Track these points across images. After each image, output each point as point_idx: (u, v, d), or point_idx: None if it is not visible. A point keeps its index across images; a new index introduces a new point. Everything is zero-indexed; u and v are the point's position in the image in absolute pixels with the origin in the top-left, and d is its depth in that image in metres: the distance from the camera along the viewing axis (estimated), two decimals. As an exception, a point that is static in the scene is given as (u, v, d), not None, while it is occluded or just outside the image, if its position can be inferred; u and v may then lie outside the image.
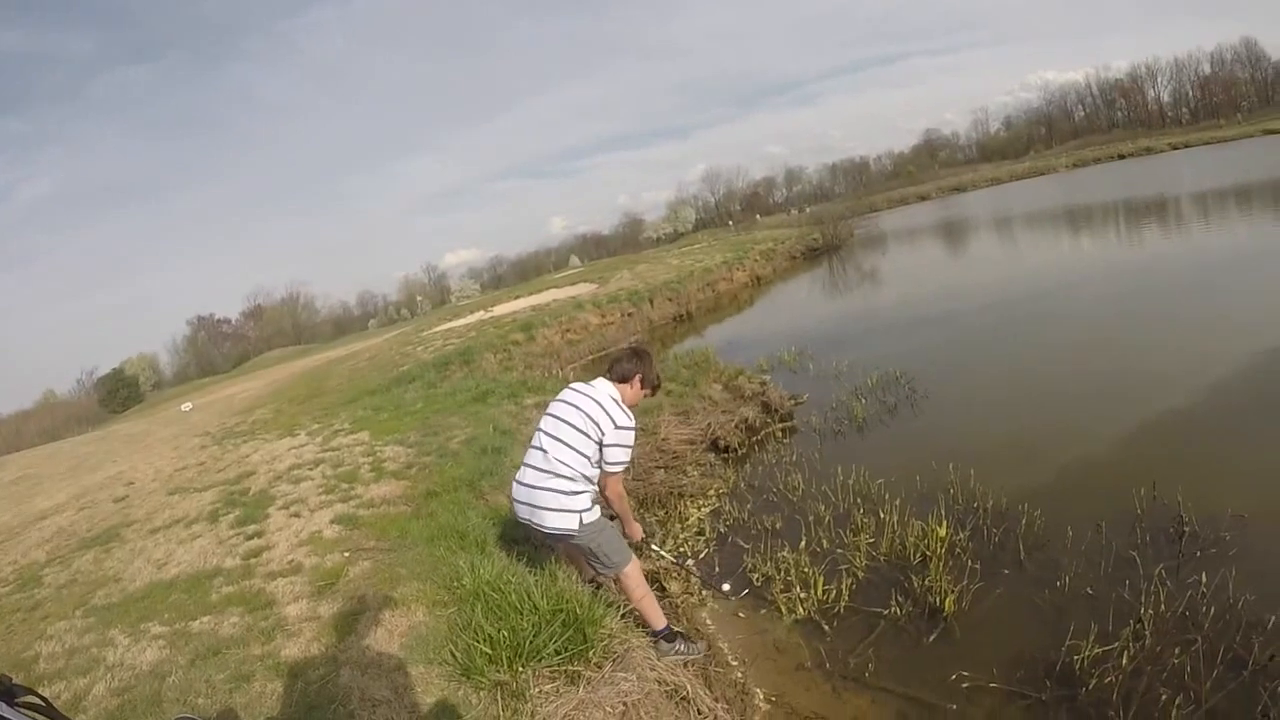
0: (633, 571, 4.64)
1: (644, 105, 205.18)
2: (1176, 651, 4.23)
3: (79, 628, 5.74)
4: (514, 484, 4.71)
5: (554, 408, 4.70)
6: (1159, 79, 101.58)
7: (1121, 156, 68.39)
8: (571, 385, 4.81)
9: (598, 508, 4.57)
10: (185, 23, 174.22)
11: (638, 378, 4.77)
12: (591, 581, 5.22)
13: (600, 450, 4.49)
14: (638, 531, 5.07)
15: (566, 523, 4.41)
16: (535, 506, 4.47)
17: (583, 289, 34.08)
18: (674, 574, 6.22)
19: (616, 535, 4.71)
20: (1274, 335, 9.27)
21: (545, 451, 4.48)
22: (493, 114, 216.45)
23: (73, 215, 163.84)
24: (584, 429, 4.46)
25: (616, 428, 4.49)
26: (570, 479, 4.42)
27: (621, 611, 4.60)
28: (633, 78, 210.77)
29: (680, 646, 4.69)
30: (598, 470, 4.56)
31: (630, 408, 4.69)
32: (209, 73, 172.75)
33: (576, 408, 4.55)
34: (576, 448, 4.45)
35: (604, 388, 4.67)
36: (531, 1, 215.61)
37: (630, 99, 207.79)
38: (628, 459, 4.64)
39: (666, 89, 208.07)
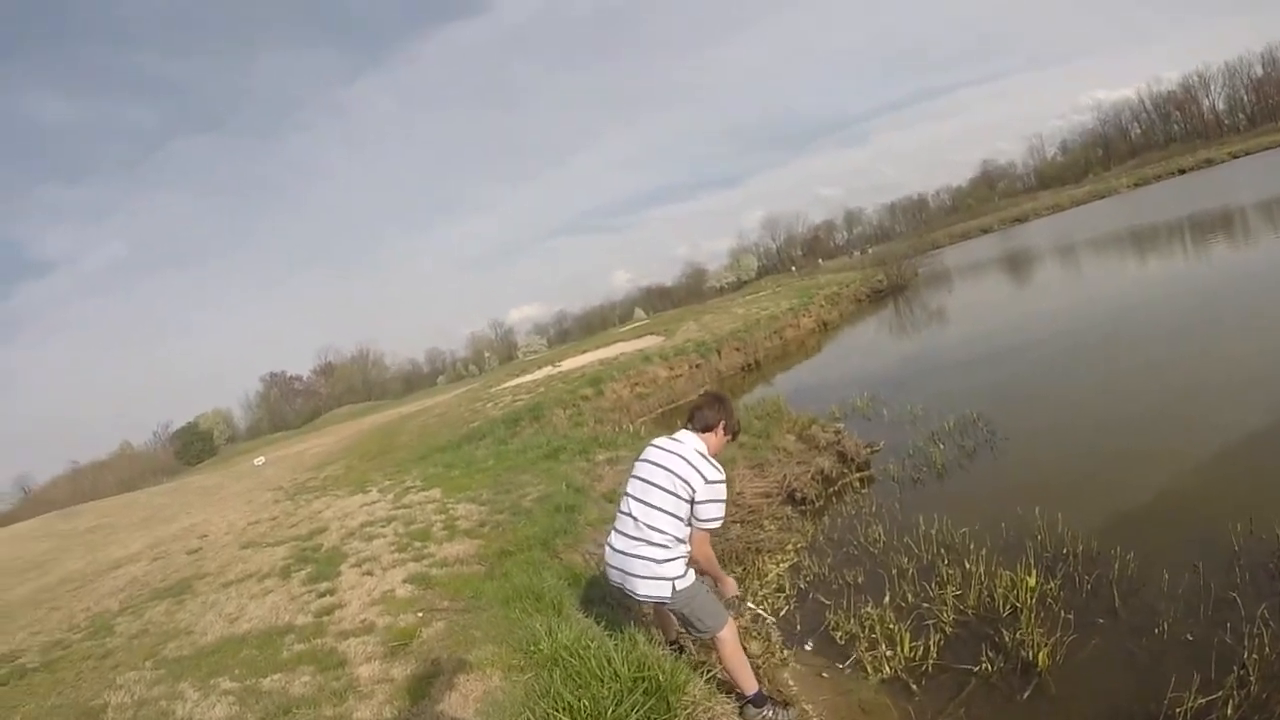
0: (728, 635, 4.50)
1: (693, 154, 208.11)
2: (1285, 697, 4.02)
3: (149, 679, 5.80)
4: (606, 548, 4.62)
5: (639, 469, 4.57)
6: (1212, 87, 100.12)
7: (1182, 171, 67.85)
8: (654, 442, 4.69)
9: (692, 572, 4.45)
10: (243, 94, 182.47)
11: (721, 425, 4.66)
12: (674, 644, 5.11)
13: (692, 508, 4.36)
14: (732, 586, 4.95)
15: (659, 590, 4.32)
16: (627, 574, 4.39)
17: (649, 341, 34.20)
18: (754, 632, 6.07)
19: (712, 599, 4.57)
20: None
21: (635, 519, 4.37)
22: (544, 170, 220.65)
23: (147, 277, 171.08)
24: (673, 490, 4.33)
25: (708, 483, 4.35)
26: (663, 545, 4.32)
27: (706, 677, 4.47)
28: (679, 128, 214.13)
29: (769, 713, 4.53)
30: (690, 528, 4.44)
31: (714, 456, 4.56)
32: (269, 141, 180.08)
33: (663, 467, 4.42)
34: (667, 510, 4.33)
35: (690, 441, 4.54)
36: (574, 59, 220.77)
37: (678, 149, 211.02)
38: (722, 514, 4.50)
39: (713, 137, 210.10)
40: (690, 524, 4.40)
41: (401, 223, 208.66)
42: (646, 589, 4.34)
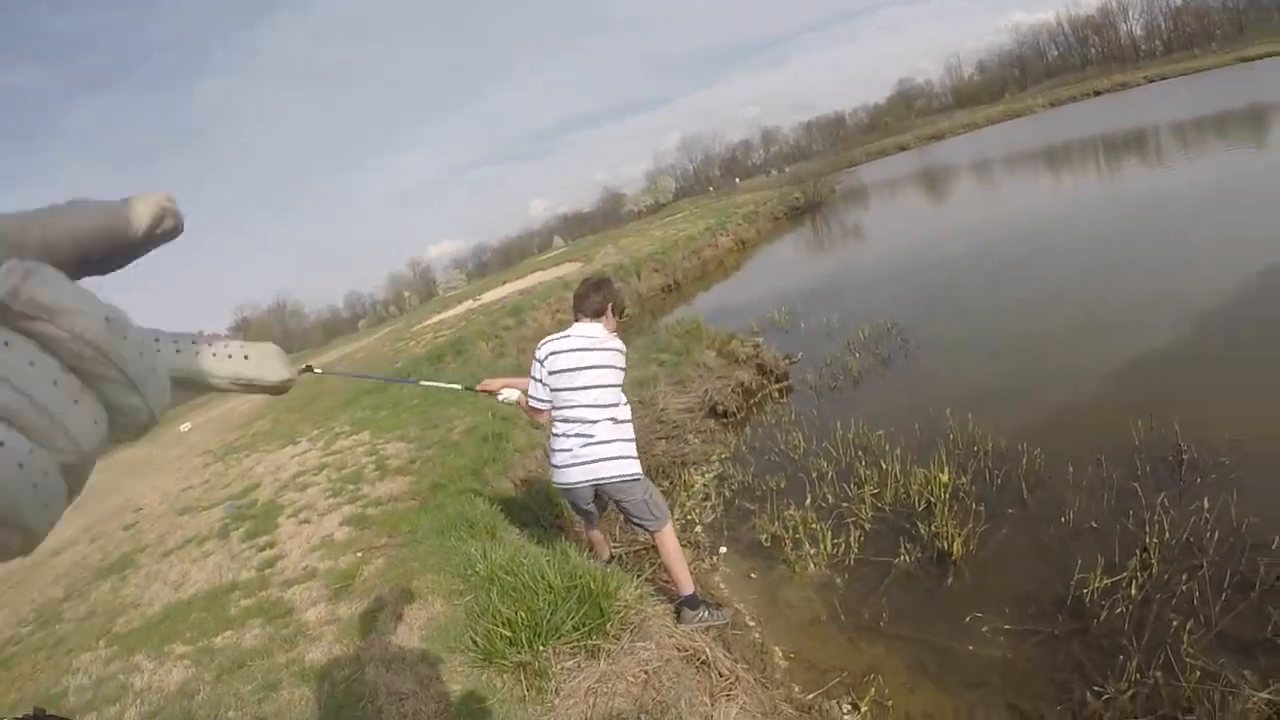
0: (671, 530, 4.64)
1: (612, 79, 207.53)
2: (1184, 578, 4.28)
3: (104, 657, 5.78)
4: (560, 453, 4.58)
5: (582, 375, 4.46)
6: (1130, 13, 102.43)
7: (1097, 93, 69.01)
8: (558, 346, 4.59)
9: None
10: (146, 45, 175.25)
11: (609, 307, 4.65)
12: (610, 560, 5.25)
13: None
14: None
15: (632, 469, 4.44)
16: (598, 461, 4.42)
17: (568, 268, 34.12)
18: (685, 540, 6.26)
19: (658, 491, 4.72)
20: (1256, 260, 9.30)
21: (593, 420, 4.41)
22: (461, 103, 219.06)
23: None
24: (612, 381, 4.43)
25: (623, 354, 4.51)
26: (627, 426, 4.48)
27: (635, 583, 4.59)
28: (598, 53, 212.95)
29: (704, 614, 4.67)
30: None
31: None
32: (176, 90, 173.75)
33: (601, 366, 4.45)
34: (619, 401, 4.45)
35: (597, 329, 4.56)
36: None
37: (597, 74, 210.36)
38: None
39: (633, 60, 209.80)
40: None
41: (313, 169, 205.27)
42: (623, 468, 4.41)
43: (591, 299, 4.63)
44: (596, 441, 4.42)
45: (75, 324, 0.41)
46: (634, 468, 4.46)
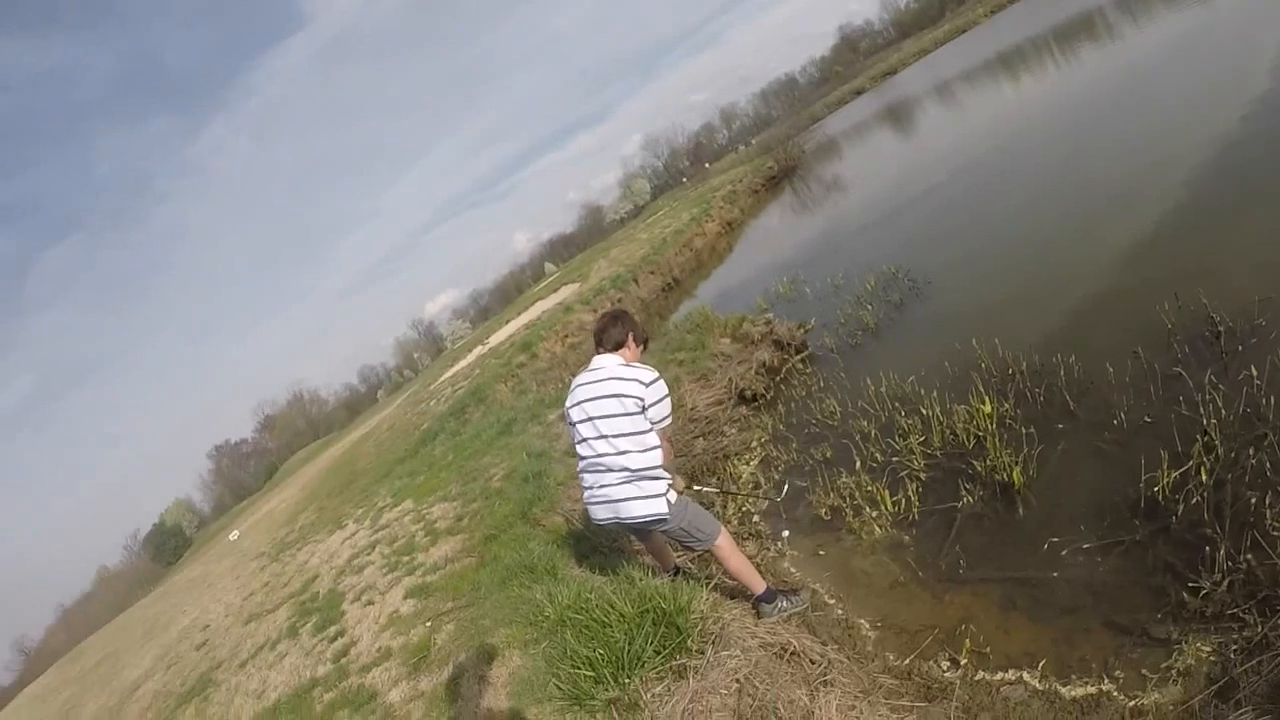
0: (724, 542, 4.52)
1: (550, 105, 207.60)
2: (1251, 451, 4.18)
3: (201, 781, 5.75)
4: (586, 493, 4.53)
5: (584, 409, 4.40)
6: None
7: (1036, -13, 68.08)
8: (578, 381, 4.56)
9: (673, 489, 4.43)
10: (92, 186, 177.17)
11: (630, 337, 4.61)
12: (675, 573, 5.15)
13: (645, 414, 4.31)
14: (680, 482, 4.83)
15: (656, 508, 4.27)
16: (617, 501, 4.33)
17: (566, 292, 34.16)
18: (744, 534, 6.19)
19: (700, 508, 4.58)
20: (1232, 110, 9.23)
21: (608, 455, 4.29)
22: (411, 165, 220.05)
23: (65, 398, 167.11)
24: (625, 410, 4.26)
25: (648, 385, 4.30)
26: (646, 465, 4.30)
27: (706, 592, 4.52)
28: (527, 87, 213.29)
29: (783, 604, 4.61)
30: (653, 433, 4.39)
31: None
32: (135, 222, 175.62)
33: (604, 396, 4.33)
34: (632, 431, 4.27)
35: (610, 362, 4.48)
36: (404, 52, 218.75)
37: (534, 106, 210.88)
38: (670, 408, 4.49)
39: (564, 83, 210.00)
40: (651, 429, 4.37)
41: (291, 260, 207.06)
42: (644, 508, 4.28)
43: (610, 332, 4.61)
44: (615, 481, 4.32)
45: None
46: (657, 507, 4.29)
